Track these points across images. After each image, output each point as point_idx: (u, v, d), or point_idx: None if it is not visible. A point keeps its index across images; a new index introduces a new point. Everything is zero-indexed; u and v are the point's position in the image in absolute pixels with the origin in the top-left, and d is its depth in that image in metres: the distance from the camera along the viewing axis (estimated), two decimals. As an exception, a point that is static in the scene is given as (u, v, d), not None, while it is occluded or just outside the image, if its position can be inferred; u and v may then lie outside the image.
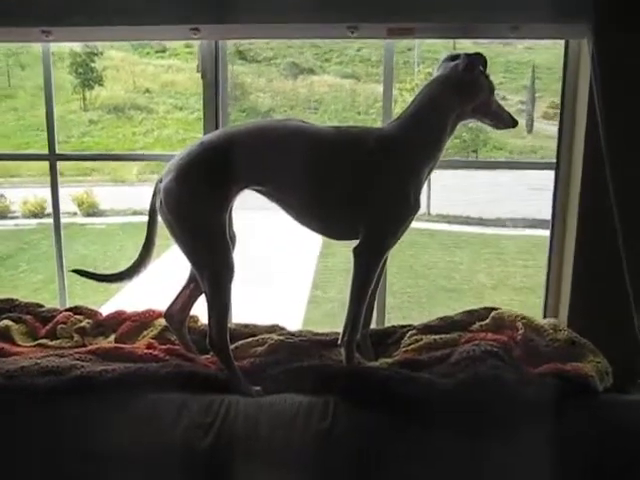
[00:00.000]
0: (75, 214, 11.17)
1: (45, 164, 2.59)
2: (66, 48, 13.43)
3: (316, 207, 2.12)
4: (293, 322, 6.38)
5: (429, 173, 2.16)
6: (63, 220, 2.69)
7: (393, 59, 2.45)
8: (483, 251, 9.61)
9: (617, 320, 2.16)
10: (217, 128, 2.48)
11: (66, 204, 10.52)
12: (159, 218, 2.09)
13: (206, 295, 2.05)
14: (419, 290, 8.18)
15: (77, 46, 13.45)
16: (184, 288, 2.27)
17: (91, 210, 11.51)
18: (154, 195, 2.09)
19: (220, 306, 2.04)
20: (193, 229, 2.01)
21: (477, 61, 2.12)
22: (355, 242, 2.10)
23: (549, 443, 1.82)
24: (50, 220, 2.76)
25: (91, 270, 2.22)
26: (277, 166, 2.03)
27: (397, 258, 7.80)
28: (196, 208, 2.00)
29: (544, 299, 2.56)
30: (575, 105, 2.38)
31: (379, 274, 2.18)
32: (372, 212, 2.07)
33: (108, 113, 13.75)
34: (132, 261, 2.19)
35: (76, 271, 2.22)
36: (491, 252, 9.53)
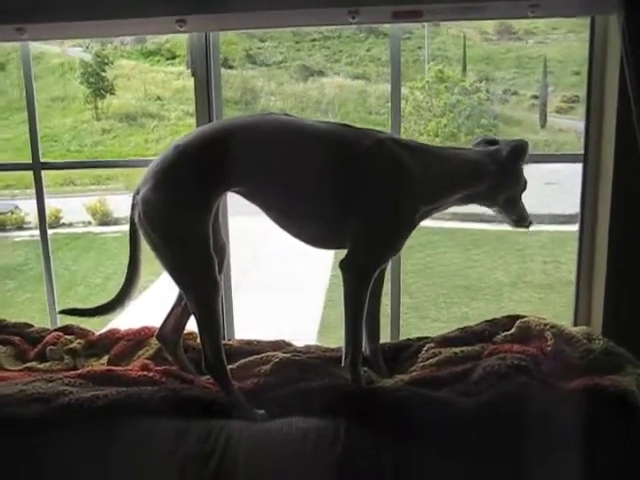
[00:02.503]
0: (90, 223, 11.22)
1: (60, 173, 2.44)
2: (76, 58, 13.50)
3: (297, 210, 1.97)
4: (311, 326, 6.31)
5: (427, 214, 1.99)
6: (78, 230, 2.55)
7: (399, 46, 2.29)
8: (500, 248, 9.41)
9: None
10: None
11: (81, 214, 10.63)
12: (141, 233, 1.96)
13: (194, 315, 1.94)
14: (436, 289, 7.98)
15: (87, 55, 13.52)
16: (174, 306, 2.15)
17: (105, 219, 11.52)
18: (133, 208, 1.94)
19: (211, 324, 1.91)
20: (175, 240, 1.88)
21: (522, 151, 1.96)
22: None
23: (585, 468, 1.68)
24: (65, 230, 2.62)
25: (80, 307, 2.12)
26: (258, 165, 1.90)
27: (412, 257, 7.69)
28: (177, 216, 1.87)
29: (574, 305, 2.40)
30: (603, 90, 2.21)
31: (379, 285, 2.05)
32: (359, 222, 1.90)
33: (120, 122, 13.81)
34: (120, 287, 2.06)
35: (65, 311, 2.15)
36: (508, 249, 9.32)
